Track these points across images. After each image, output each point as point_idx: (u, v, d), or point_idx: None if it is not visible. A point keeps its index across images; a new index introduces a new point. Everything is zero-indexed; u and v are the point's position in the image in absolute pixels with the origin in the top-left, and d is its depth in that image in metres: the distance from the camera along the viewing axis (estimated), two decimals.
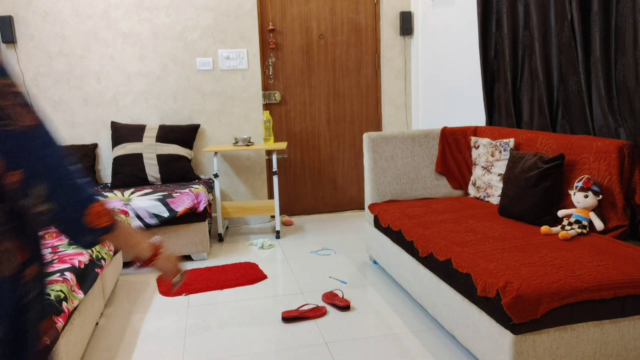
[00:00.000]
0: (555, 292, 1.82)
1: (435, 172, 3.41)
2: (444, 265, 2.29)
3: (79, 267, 2.33)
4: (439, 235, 2.49)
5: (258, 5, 4.46)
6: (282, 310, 2.82)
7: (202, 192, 3.66)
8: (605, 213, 2.39)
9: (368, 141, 3.33)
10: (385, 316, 2.72)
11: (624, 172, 2.36)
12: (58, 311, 1.94)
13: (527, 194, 2.59)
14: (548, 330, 1.86)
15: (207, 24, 4.35)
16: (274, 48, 4.55)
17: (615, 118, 2.54)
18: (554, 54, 2.94)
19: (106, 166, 4.34)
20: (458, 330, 2.25)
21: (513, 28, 3.24)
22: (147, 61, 4.30)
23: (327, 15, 4.63)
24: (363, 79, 4.80)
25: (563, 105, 2.93)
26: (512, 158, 2.78)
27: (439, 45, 4.31)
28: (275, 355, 2.37)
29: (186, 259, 3.75)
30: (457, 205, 3.06)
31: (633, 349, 1.95)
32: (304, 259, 3.66)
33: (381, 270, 3.37)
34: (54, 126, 4.21)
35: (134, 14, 4.23)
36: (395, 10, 4.70)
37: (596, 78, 2.62)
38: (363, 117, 4.85)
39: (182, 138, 4.23)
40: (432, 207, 3.04)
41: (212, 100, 4.43)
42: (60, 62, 4.17)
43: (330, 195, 4.89)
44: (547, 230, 2.39)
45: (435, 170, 3.41)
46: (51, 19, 4.10)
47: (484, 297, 1.98)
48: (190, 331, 2.64)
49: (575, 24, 2.67)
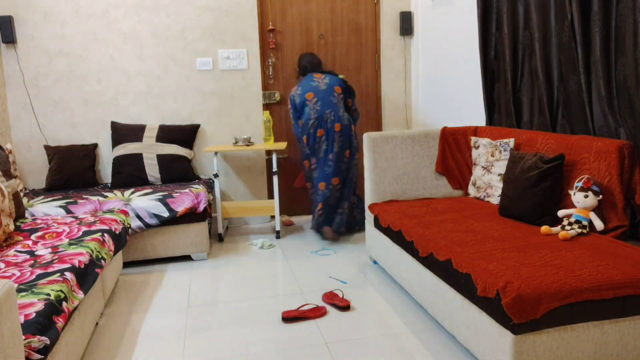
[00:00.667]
0: (555, 292, 1.82)
1: (435, 172, 3.41)
2: (444, 265, 2.29)
3: (79, 267, 2.33)
4: (439, 235, 2.49)
5: (258, 5, 4.46)
6: (282, 310, 2.82)
7: (202, 192, 3.66)
8: (605, 213, 2.39)
9: (368, 141, 3.33)
10: (385, 316, 2.72)
11: (624, 172, 2.36)
12: (58, 311, 1.94)
13: (527, 194, 2.59)
14: (548, 330, 1.86)
15: (207, 24, 4.35)
16: (274, 48, 4.55)
17: (615, 118, 2.54)
18: (554, 54, 2.94)
19: (106, 166, 4.34)
20: (458, 330, 2.25)
21: (513, 28, 3.24)
22: (147, 61, 4.30)
23: (327, 15, 4.63)
24: (363, 79, 4.79)
25: (563, 105, 2.93)
26: (512, 158, 2.78)
27: (439, 45, 4.31)
28: (275, 355, 2.37)
29: (186, 259, 3.75)
30: (457, 205, 3.06)
31: (633, 349, 1.95)
32: (304, 259, 3.66)
33: (381, 270, 3.37)
34: (54, 126, 4.22)
35: (134, 14, 4.23)
36: (395, 10, 4.70)
37: (596, 78, 2.62)
38: (363, 117, 4.84)
39: (182, 138, 4.23)
40: (432, 207, 3.04)
41: (212, 100, 4.43)
42: (60, 62, 4.17)
43: None
44: (547, 230, 2.39)
45: (436, 170, 3.41)
46: (51, 19, 4.10)
47: (484, 297, 1.98)
48: (190, 331, 2.64)
49: (575, 24, 2.67)
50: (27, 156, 4.20)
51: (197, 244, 3.68)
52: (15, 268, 2.28)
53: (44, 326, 1.78)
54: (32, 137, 4.19)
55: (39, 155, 4.20)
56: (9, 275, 2.19)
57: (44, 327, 1.78)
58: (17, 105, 4.14)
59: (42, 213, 3.37)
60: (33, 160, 4.21)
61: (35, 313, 1.81)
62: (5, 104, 4.09)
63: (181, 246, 3.65)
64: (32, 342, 1.67)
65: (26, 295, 1.97)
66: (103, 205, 3.49)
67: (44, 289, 2.01)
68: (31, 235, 2.76)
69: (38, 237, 2.73)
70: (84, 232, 2.80)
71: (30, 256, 2.45)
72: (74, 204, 3.48)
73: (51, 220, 3.06)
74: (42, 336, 1.73)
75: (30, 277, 2.16)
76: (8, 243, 2.63)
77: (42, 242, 2.67)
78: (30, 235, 2.76)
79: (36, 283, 2.09)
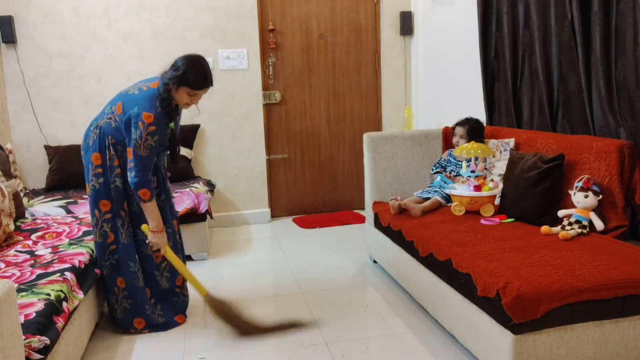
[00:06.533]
0: (555, 292, 1.82)
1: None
2: (444, 265, 2.29)
3: (79, 267, 2.33)
4: (439, 235, 2.49)
5: (258, 5, 4.45)
6: (281, 311, 2.82)
7: (203, 193, 3.65)
8: (606, 213, 2.39)
9: (368, 141, 3.33)
10: (385, 316, 2.72)
11: (624, 172, 2.36)
12: (58, 311, 1.94)
13: (527, 194, 2.59)
14: (548, 331, 1.86)
15: (207, 24, 4.35)
16: (274, 48, 4.55)
17: (616, 118, 2.54)
18: (554, 54, 2.94)
19: None
20: (458, 330, 2.25)
21: (513, 28, 3.24)
22: (147, 61, 4.30)
23: (327, 15, 4.63)
24: (363, 79, 4.79)
25: (563, 105, 2.93)
26: (512, 158, 2.78)
27: (439, 45, 4.31)
28: (275, 355, 2.37)
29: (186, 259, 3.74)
30: None
31: (633, 349, 1.94)
32: (304, 258, 3.66)
33: (381, 270, 3.37)
34: (54, 126, 4.21)
35: (134, 14, 4.23)
36: (395, 10, 4.70)
37: (596, 78, 2.62)
38: (363, 117, 4.84)
39: (182, 138, 4.23)
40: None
41: (212, 100, 4.42)
42: (60, 62, 4.17)
43: (330, 195, 4.89)
44: (547, 230, 2.39)
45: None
46: (51, 19, 4.10)
47: (484, 297, 1.98)
48: (190, 331, 2.64)
49: (575, 24, 2.67)
50: (27, 156, 4.20)
51: (198, 244, 3.67)
52: (15, 268, 2.28)
53: (44, 326, 1.78)
54: (32, 137, 4.19)
55: (39, 155, 4.20)
56: (9, 275, 2.19)
57: (44, 327, 1.78)
58: (17, 105, 4.13)
59: (42, 213, 3.37)
60: (33, 160, 4.21)
61: (35, 313, 1.81)
62: (5, 104, 4.09)
63: None
64: (32, 342, 1.67)
65: (26, 295, 1.97)
66: None
67: (44, 289, 2.01)
68: (31, 235, 2.76)
69: (38, 237, 2.73)
70: (84, 232, 2.80)
71: (30, 256, 2.45)
72: (74, 204, 3.48)
73: (51, 220, 3.06)
74: (42, 336, 1.73)
75: (31, 277, 2.16)
76: (8, 243, 2.63)
77: (42, 242, 2.67)
78: (30, 235, 2.76)
79: (36, 283, 2.09)
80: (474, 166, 2.87)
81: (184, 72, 2.32)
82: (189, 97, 2.39)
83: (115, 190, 2.47)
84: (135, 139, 2.32)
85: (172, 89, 2.35)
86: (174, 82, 2.33)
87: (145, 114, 2.30)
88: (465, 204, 2.80)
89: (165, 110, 2.37)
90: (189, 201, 3.57)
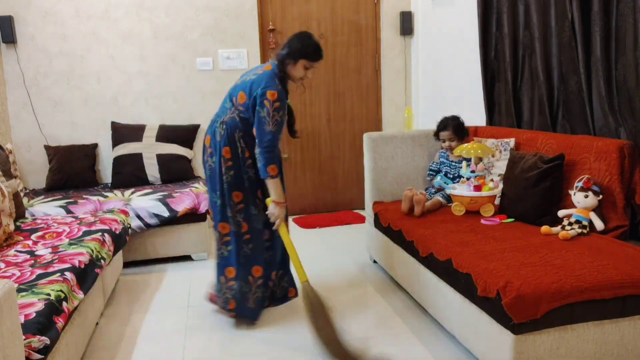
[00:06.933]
0: (555, 292, 1.82)
1: None
2: (444, 265, 2.29)
3: (79, 267, 2.33)
4: (439, 235, 2.49)
5: (258, 5, 4.45)
6: (281, 311, 2.82)
7: (203, 193, 3.65)
8: (606, 213, 2.39)
9: (368, 141, 3.33)
10: (385, 316, 2.72)
11: (624, 172, 2.36)
12: (58, 311, 1.94)
13: (527, 194, 2.59)
14: (548, 330, 1.86)
15: (207, 24, 4.35)
16: (274, 48, 4.55)
17: (616, 118, 2.54)
18: (554, 54, 2.94)
19: (106, 166, 4.33)
20: (458, 330, 2.25)
21: (513, 28, 3.24)
22: (147, 61, 4.30)
23: (327, 15, 4.63)
24: (363, 79, 4.79)
25: (563, 105, 2.93)
26: (512, 158, 2.78)
27: (439, 45, 4.31)
28: (276, 354, 2.37)
29: (186, 259, 3.75)
30: None
31: (633, 349, 1.94)
32: (304, 258, 3.65)
33: (381, 270, 3.36)
34: (53, 126, 4.21)
35: (134, 14, 4.23)
36: (395, 10, 4.70)
37: (596, 78, 2.62)
38: (363, 117, 4.84)
39: (182, 138, 4.23)
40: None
41: (212, 100, 4.42)
42: (60, 62, 4.17)
43: (331, 195, 4.88)
44: (548, 230, 2.39)
45: None
46: (51, 19, 4.10)
47: (484, 297, 1.98)
48: (190, 331, 2.64)
49: (575, 24, 2.67)
50: (27, 156, 4.20)
51: (198, 244, 3.67)
52: (15, 268, 2.28)
53: (44, 326, 1.78)
54: (32, 137, 4.19)
55: (39, 155, 4.20)
56: (9, 275, 2.19)
57: (44, 327, 1.78)
58: (17, 105, 4.13)
59: (42, 213, 3.37)
60: (33, 160, 4.21)
61: (35, 313, 1.81)
62: (5, 104, 4.09)
63: (181, 246, 3.65)
64: (32, 342, 1.67)
65: (26, 295, 1.97)
66: (103, 205, 3.49)
67: (44, 289, 2.01)
68: (31, 235, 2.76)
69: (38, 237, 2.73)
70: (84, 232, 2.80)
71: (30, 256, 2.45)
72: (74, 204, 3.48)
73: (51, 220, 3.06)
74: (42, 336, 1.73)
75: (31, 277, 2.16)
76: (8, 243, 2.63)
77: (42, 242, 2.67)
78: (30, 235, 2.76)
79: (36, 283, 2.09)
80: (474, 166, 2.88)
81: (303, 45, 2.47)
82: (305, 70, 2.52)
83: (249, 180, 2.55)
84: (264, 117, 2.43)
85: (288, 64, 2.49)
86: (292, 56, 2.48)
87: (269, 92, 2.42)
88: (465, 204, 2.80)
89: (284, 88, 2.52)
90: (189, 201, 3.57)
